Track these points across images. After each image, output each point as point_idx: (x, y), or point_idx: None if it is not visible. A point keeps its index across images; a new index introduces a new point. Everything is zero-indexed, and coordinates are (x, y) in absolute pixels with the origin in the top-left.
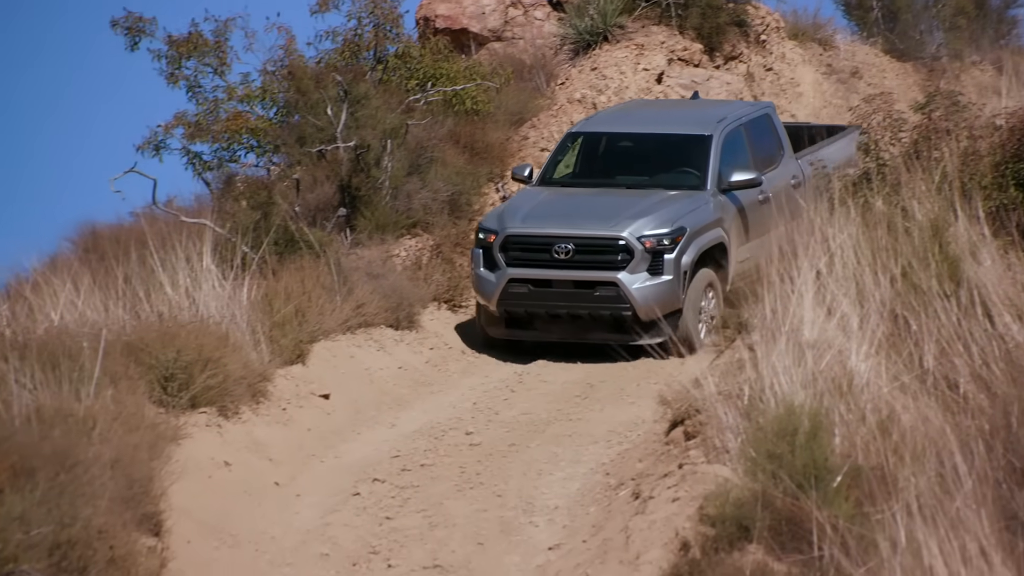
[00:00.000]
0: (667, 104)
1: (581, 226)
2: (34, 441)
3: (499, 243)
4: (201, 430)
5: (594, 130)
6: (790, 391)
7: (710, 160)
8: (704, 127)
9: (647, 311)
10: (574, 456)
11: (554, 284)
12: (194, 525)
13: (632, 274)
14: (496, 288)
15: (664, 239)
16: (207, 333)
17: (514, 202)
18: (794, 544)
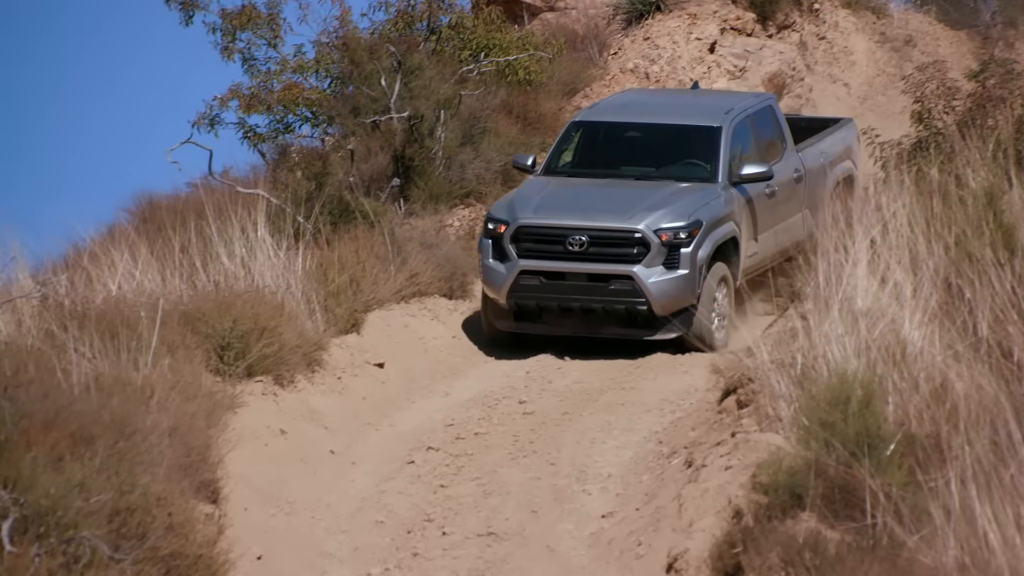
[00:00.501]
0: (670, 94)
1: (596, 218)
2: (93, 409)
3: (510, 234)
4: (257, 399)
5: (599, 119)
6: (843, 359)
7: (720, 152)
8: (713, 118)
9: (663, 306)
10: (627, 425)
11: (567, 277)
12: (251, 492)
13: (648, 268)
14: (506, 280)
15: (681, 232)
16: (263, 303)
17: (523, 192)
18: (847, 512)
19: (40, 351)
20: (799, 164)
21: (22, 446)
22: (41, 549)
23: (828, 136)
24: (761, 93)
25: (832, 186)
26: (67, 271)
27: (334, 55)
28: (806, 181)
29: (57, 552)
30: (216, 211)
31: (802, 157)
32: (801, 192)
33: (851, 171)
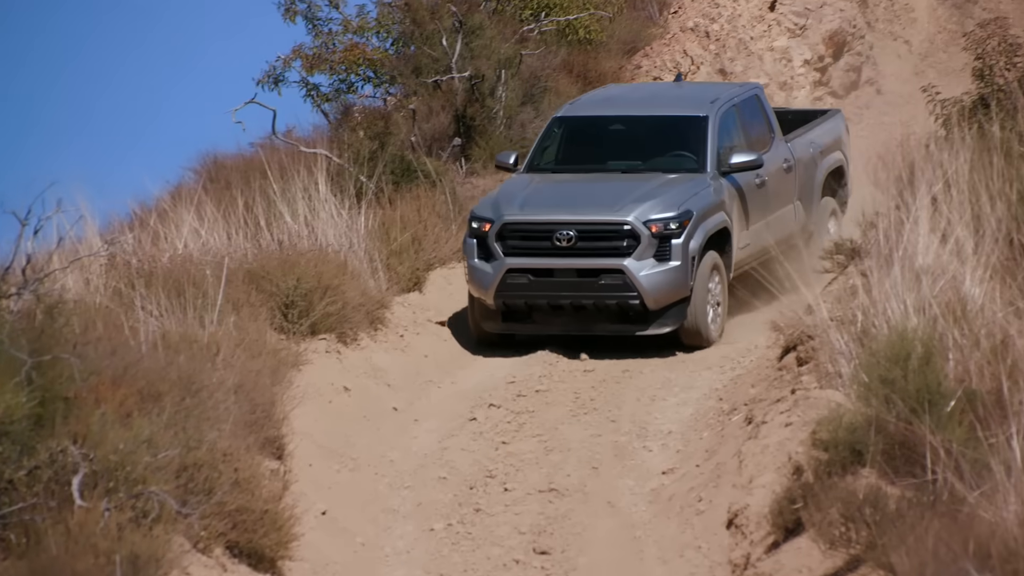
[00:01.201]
0: (652, 87)
1: (583, 211)
2: (160, 367)
3: (495, 232)
4: (321, 356)
5: (582, 114)
6: (903, 316)
7: (708, 141)
8: (698, 108)
9: (655, 300)
10: (687, 382)
11: (556, 273)
12: (315, 448)
13: (639, 260)
14: (493, 279)
15: (671, 223)
16: (326, 261)
17: (507, 189)
18: (907, 468)
19: (108, 309)
20: (788, 154)
21: (91, 402)
22: (110, 504)
23: (817, 127)
24: (747, 83)
25: (822, 177)
26: (135, 230)
27: (396, 15)
28: (796, 171)
29: (126, 507)
30: (279, 170)
31: (791, 147)
32: (792, 183)
33: (841, 162)
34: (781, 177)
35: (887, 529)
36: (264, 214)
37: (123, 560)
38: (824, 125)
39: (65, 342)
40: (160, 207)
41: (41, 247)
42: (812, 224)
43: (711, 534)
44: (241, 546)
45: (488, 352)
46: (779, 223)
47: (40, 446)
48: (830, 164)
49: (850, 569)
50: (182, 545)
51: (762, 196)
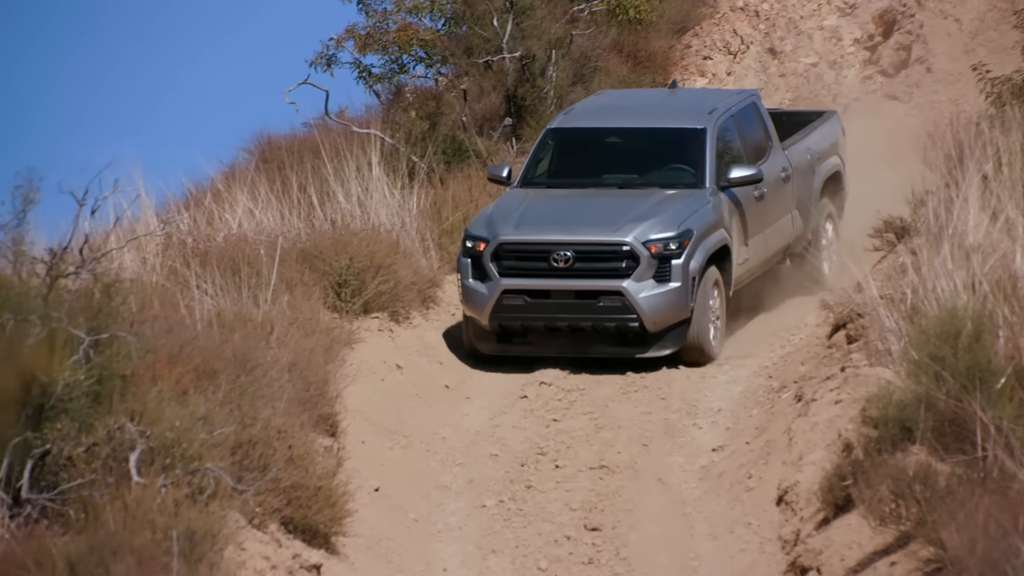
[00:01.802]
0: (647, 95)
1: (581, 232)
2: (216, 345)
3: (490, 252)
4: (374, 334)
5: (576, 125)
6: (953, 294)
7: (706, 155)
8: (695, 119)
9: (655, 321)
10: (737, 359)
11: (553, 295)
12: (368, 426)
13: (638, 282)
14: (488, 301)
15: (671, 243)
16: (378, 240)
17: (501, 207)
18: (957, 445)
19: (164, 288)
20: (786, 163)
21: (148, 380)
22: (167, 480)
23: (814, 131)
24: (744, 90)
25: (820, 184)
26: (190, 210)
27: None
28: (794, 180)
29: (182, 483)
30: (332, 151)
31: (789, 155)
32: (789, 192)
33: (838, 167)
34: (779, 187)
35: (937, 506)
36: (317, 194)
37: (180, 536)
38: (820, 129)
39: (122, 320)
40: (215, 187)
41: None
42: (810, 232)
43: (761, 511)
44: (295, 522)
45: None
46: (777, 234)
47: (98, 423)
48: (827, 170)
49: (900, 545)
50: (237, 521)
51: (760, 209)
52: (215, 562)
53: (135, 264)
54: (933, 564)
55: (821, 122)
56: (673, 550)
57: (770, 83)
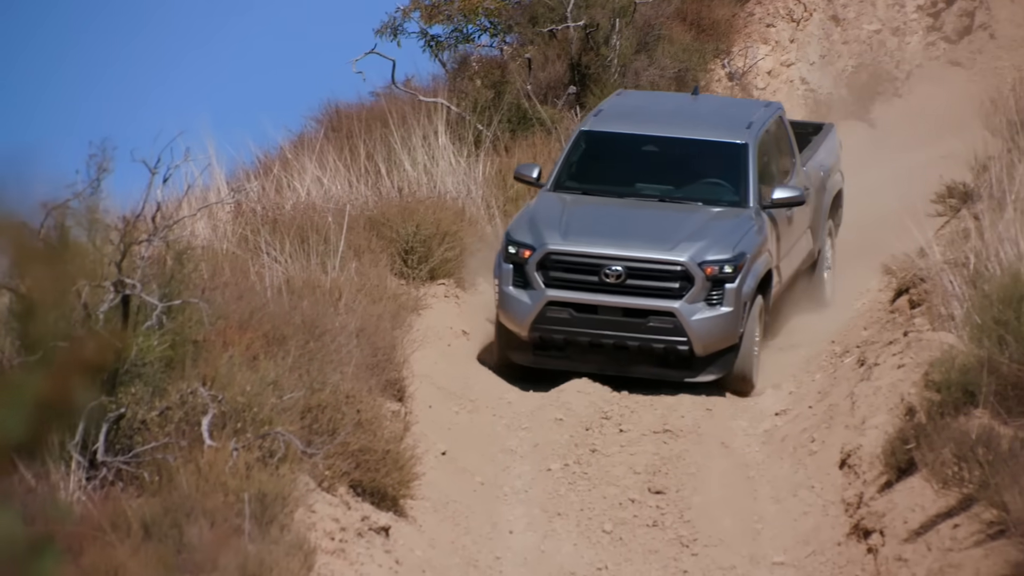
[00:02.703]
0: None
1: (634, 247)
2: (285, 311)
3: (536, 260)
4: (440, 301)
5: (612, 130)
6: (1017, 258)
7: (749, 172)
8: (735, 133)
9: (705, 346)
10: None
11: (600, 310)
12: (434, 391)
13: (691, 304)
14: (531, 311)
15: (726, 266)
16: (444, 208)
17: (542, 212)
18: (1020, 408)
19: (235, 255)
20: (807, 181)
21: (219, 346)
22: (238, 444)
23: (821, 146)
24: (769, 102)
25: (829, 201)
26: (259, 178)
27: None
28: (810, 198)
29: (253, 447)
30: (399, 119)
31: (807, 171)
32: (808, 211)
33: (840, 184)
34: (802, 207)
35: (1000, 469)
36: (384, 162)
37: (251, 498)
38: (826, 144)
39: (194, 287)
40: (283, 156)
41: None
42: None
43: (824, 474)
44: (364, 485)
45: None
46: (798, 254)
47: (171, 388)
48: (834, 187)
49: (963, 508)
50: (307, 484)
51: (789, 230)
52: (286, 524)
53: (206, 231)
54: (996, 526)
55: (824, 136)
56: (736, 513)
57: (833, 50)
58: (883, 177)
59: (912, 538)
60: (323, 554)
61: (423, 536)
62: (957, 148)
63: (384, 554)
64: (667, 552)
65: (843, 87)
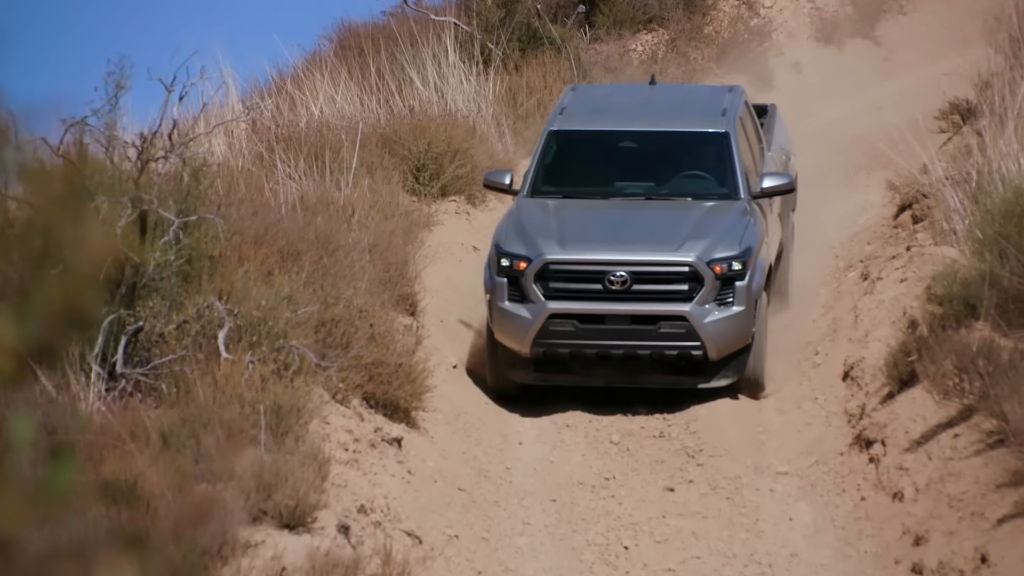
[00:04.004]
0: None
1: (637, 250)
2: (299, 227)
3: (534, 272)
4: (451, 217)
5: (583, 128)
6: (1018, 174)
7: (735, 162)
8: (712, 122)
9: (719, 349)
10: (804, 239)
11: (607, 320)
12: (446, 305)
13: (702, 306)
14: (532, 326)
15: (734, 263)
16: (455, 126)
17: (529, 220)
18: (1020, 321)
19: (250, 172)
20: (774, 165)
21: (235, 261)
22: (254, 357)
23: (775, 128)
24: (732, 87)
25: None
26: (273, 96)
27: None
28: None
29: (268, 360)
30: (410, 38)
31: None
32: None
33: (796, 168)
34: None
35: (1000, 380)
36: (395, 81)
37: (267, 410)
38: (778, 125)
39: (210, 203)
40: (296, 74)
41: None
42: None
43: (827, 386)
44: (377, 397)
45: None
46: (773, 244)
47: (188, 302)
48: (793, 170)
49: (963, 418)
50: (321, 396)
51: (771, 220)
52: (300, 435)
53: (222, 149)
54: (995, 436)
55: (773, 118)
56: (741, 425)
57: None
58: (888, 94)
59: (913, 448)
60: (337, 464)
61: (435, 447)
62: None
63: (397, 464)
64: (673, 462)
65: (848, 5)
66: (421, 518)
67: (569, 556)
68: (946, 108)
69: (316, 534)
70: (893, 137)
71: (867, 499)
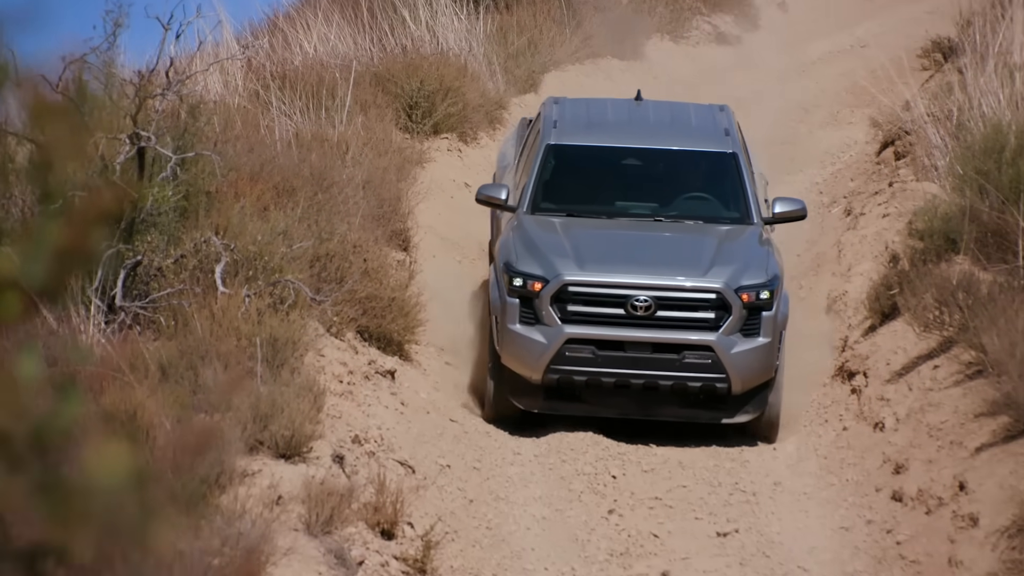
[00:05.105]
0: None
1: (662, 274)
2: (294, 164)
3: (551, 293)
4: (443, 154)
5: (586, 143)
6: (998, 111)
7: (746, 184)
8: (719, 142)
9: (744, 382)
10: (790, 176)
11: (627, 347)
12: (438, 241)
13: (728, 336)
14: (546, 351)
15: (763, 291)
16: (447, 65)
17: (537, 237)
18: (999, 255)
19: (246, 109)
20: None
21: (231, 197)
22: (250, 291)
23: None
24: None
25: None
26: (267, 35)
27: None
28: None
29: (264, 293)
30: None
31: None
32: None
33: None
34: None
35: (979, 312)
36: (388, 19)
37: (263, 343)
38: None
39: (207, 140)
40: (290, 13)
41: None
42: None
43: (811, 318)
44: (371, 330)
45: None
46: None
47: (185, 236)
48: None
49: (943, 350)
50: (316, 329)
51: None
52: (296, 367)
53: (218, 87)
54: (974, 367)
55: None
56: None
57: None
58: (872, 32)
59: (894, 379)
60: (332, 396)
61: (427, 379)
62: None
63: (390, 396)
64: None
65: None
66: (414, 448)
67: (558, 485)
68: (928, 46)
69: (311, 464)
70: (877, 75)
71: (849, 429)
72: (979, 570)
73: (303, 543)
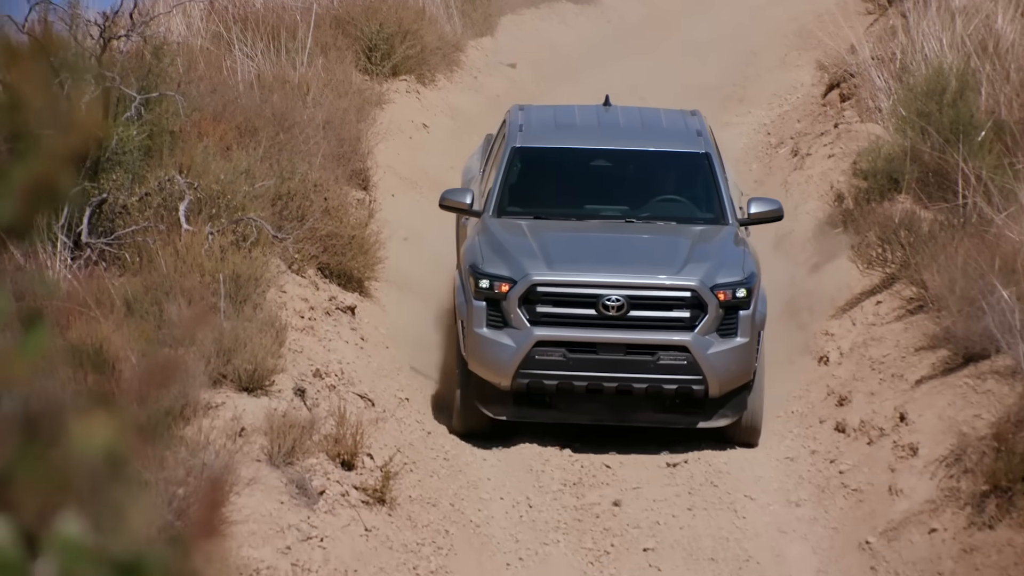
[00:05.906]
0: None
1: (634, 272)
2: (256, 104)
3: (519, 294)
4: (402, 95)
5: (553, 145)
6: (939, 54)
7: (720, 185)
8: (691, 143)
9: (721, 384)
10: (739, 118)
11: (600, 349)
12: (397, 180)
13: (704, 336)
14: (515, 355)
15: (739, 289)
16: (406, 7)
17: (503, 239)
18: (940, 194)
19: (209, 51)
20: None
21: (194, 136)
22: (214, 228)
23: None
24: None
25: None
26: None
27: None
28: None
29: (227, 231)
30: None
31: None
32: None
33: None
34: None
35: (920, 249)
36: None
37: (226, 279)
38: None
39: (170, 81)
40: None
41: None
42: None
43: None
44: (331, 268)
45: (553, 93)
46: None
47: (150, 175)
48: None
49: (886, 286)
50: (278, 266)
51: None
52: (258, 303)
53: (181, 28)
54: (915, 302)
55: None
56: None
57: None
58: None
59: (838, 314)
60: (293, 331)
61: (386, 315)
62: None
63: (350, 331)
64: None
65: None
66: (373, 382)
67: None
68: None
69: (274, 396)
70: (824, 19)
71: (794, 363)
72: (918, 498)
73: (265, 473)
